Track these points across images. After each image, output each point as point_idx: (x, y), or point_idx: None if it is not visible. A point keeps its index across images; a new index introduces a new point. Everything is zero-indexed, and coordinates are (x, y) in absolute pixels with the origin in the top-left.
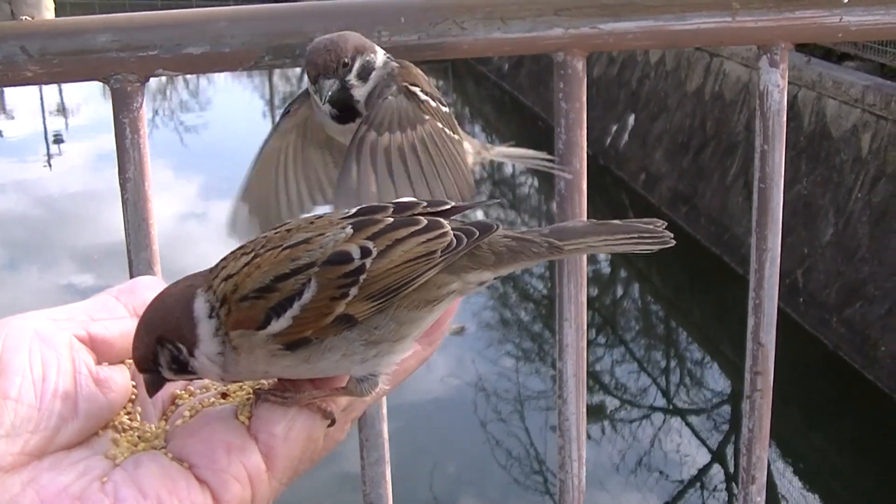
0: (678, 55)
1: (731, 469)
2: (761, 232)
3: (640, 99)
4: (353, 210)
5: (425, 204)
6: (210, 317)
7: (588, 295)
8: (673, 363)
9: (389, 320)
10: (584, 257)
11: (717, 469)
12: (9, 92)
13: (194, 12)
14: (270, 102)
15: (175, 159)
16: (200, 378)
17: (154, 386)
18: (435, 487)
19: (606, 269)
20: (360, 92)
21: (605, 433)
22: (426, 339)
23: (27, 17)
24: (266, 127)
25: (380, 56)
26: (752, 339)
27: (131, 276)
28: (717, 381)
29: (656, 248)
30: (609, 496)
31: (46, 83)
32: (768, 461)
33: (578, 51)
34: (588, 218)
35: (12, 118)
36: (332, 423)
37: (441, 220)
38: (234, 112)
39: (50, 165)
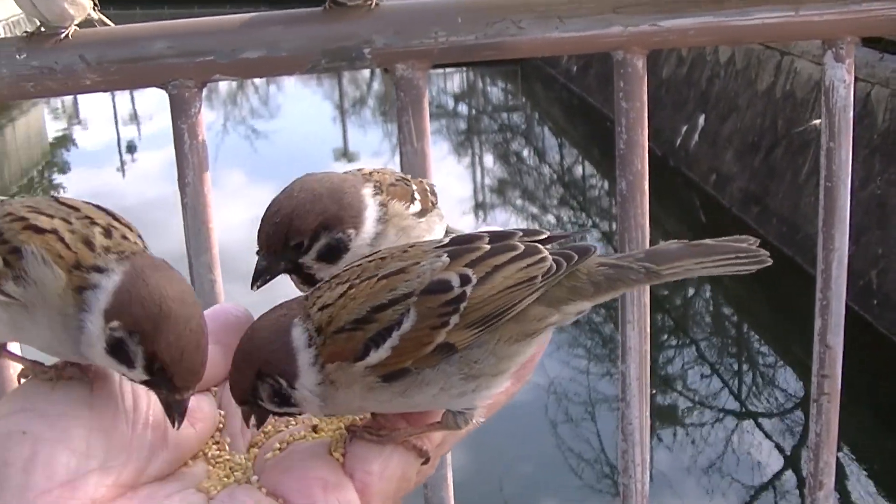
0: (748, 54)
1: (804, 474)
2: (828, 231)
3: (710, 99)
4: (447, 239)
5: (521, 233)
6: (308, 346)
7: (658, 296)
8: (745, 366)
9: (490, 354)
10: None
11: (789, 474)
12: (82, 102)
13: (249, 16)
14: (340, 107)
15: (247, 165)
16: (302, 412)
17: (260, 419)
18: (498, 491)
19: None
20: (325, 275)
21: (676, 436)
22: (516, 375)
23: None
24: (337, 132)
25: (367, 229)
26: (819, 342)
27: (192, 280)
28: (789, 383)
29: (754, 268)
30: (678, 500)
31: (105, 91)
32: (841, 466)
33: (638, 49)
34: (648, 224)
35: (86, 128)
36: (427, 461)
37: (539, 245)
38: (305, 118)
39: (124, 173)
